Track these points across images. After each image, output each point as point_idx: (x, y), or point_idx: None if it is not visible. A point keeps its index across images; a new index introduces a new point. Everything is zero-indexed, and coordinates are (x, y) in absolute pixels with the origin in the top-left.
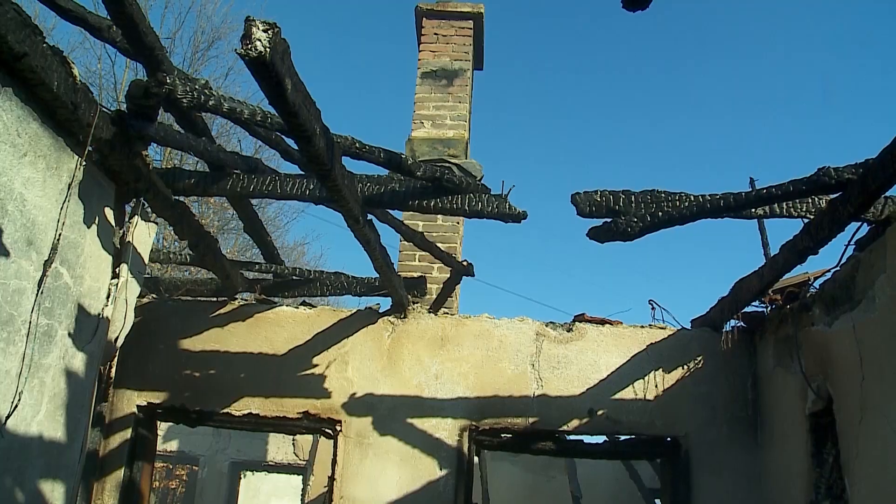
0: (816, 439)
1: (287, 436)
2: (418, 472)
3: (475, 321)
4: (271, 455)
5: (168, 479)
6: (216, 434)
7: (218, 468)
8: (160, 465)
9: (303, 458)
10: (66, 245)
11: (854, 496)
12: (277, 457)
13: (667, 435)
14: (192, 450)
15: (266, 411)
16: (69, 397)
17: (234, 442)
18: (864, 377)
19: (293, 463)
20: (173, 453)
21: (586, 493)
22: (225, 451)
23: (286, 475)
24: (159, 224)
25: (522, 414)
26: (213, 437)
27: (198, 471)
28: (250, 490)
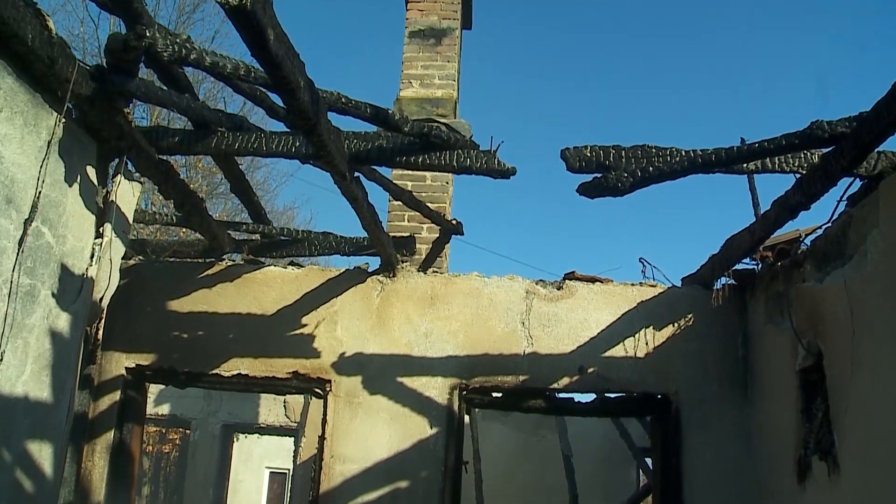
0: (806, 395)
1: (278, 398)
2: (409, 430)
3: (465, 280)
4: (263, 417)
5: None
6: (207, 397)
7: (210, 431)
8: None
9: (294, 420)
10: (47, 204)
11: (843, 450)
12: (269, 419)
13: (657, 392)
14: (183, 413)
15: (255, 372)
16: (54, 358)
17: (225, 405)
18: (855, 332)
19: (284, 425)
20: (165, 417)
21: (577, 451)
22: (217, 414)
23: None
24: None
25: (513, 372)
26: (204, 401)
27: (190, 434)
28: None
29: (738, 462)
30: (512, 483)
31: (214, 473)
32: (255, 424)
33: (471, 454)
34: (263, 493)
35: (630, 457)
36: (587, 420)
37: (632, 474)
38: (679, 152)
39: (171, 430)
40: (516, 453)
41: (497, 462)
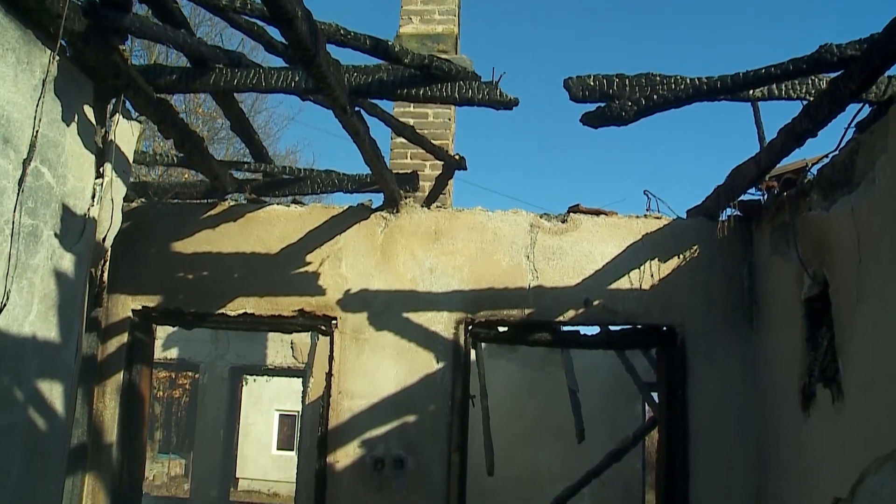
0: (811, 324)
1: (285, 340)
2: (415, 365)
3: (469, 214)
4: (270, 359)
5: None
6: (215, 340)
7: (218, 374)
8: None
9: (302, 361)
10: (46, 143)
11: (847, 378)
12: (276, 360)
13: (662, 324)
14: (192, 357)
15: (261, 310)
16: (60, 298)
17: (233, 347)
18: (862, 260)
19: (292, 366)
20: (174, 361)
21: (583, 387)
22: (224, 357)
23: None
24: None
25: (518, 305)
26: (212, 344)
27: (199, 377)
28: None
29: (744, 391)
30: (519, 419)
31: (224, 416)
32: (263, 366)
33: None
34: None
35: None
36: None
37: (637, 409)
38: (684, 80)
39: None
40: (523, 390)
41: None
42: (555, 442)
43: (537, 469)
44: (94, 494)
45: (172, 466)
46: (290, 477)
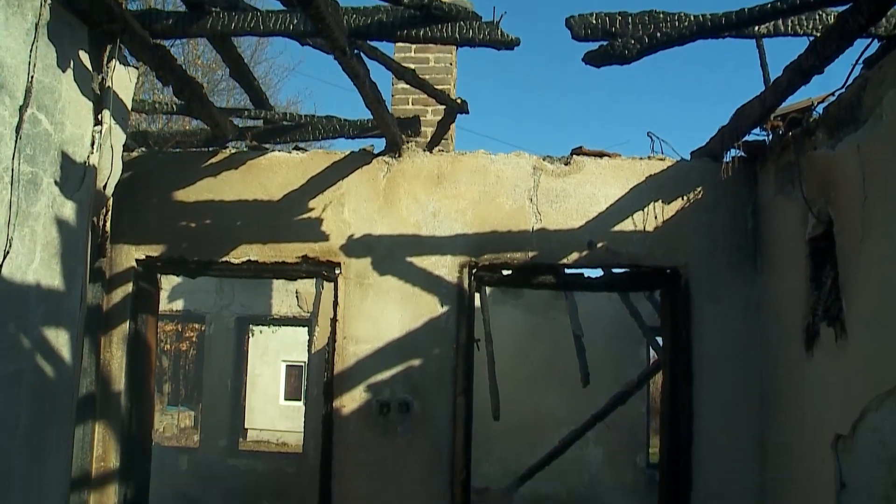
0: (815, 264)
1: (290, 289)
2: (419, 309)
3: (471, 157)
4: (276, 309)
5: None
6: (220, 291)
7: (224, 324)
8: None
9: (307, 311)
10: (41, 90)
11: (851, 316)
12: (282, 310)
13: (666, 266)
14: (197, 308)
15: (264, 257)
16: (63, 246)
17: (238, 298)
18: (867, 197)
19: (297, 315)
20: (179, 313)
21: (587, 332)
22: (230, 308)
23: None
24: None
25: (521, 248)
26: (217, 295)
27: (204, 328)
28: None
29: (747, 333)
30: (524, 364)
31: (231, 366)
32: (269, 316)
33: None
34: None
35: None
36: (597, 301)
37: (642, 353)
38: (688, 17)
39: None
40: (528, 335)
41: (509, 344)
42: (559, 387)
43: (542, 414)
44: (105, 442)
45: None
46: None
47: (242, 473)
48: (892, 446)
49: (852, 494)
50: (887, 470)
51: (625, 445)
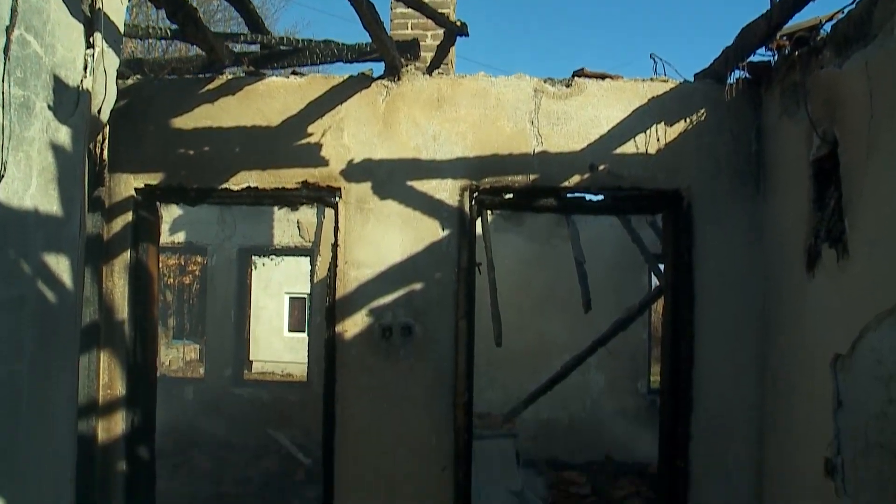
0: (819, 185)
1: (292, 220)
2: (420, 233)
3: (471, 80)
4: (277, 239)
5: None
6: (221, 222)
7: (226, 255)
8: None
9: (309, 241)
10: (29, 10)
11: (853, 236)
12: (283, 240)
13: (669, 188)
14: (199, 240)
15: (264, 184)
16: (59, 171)
17: (239, 229)
18: (873, 115)
19: (299, 245)
20: (181, 245)
21: (589, 259)
22: (231, 239)
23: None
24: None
25: (523, 171)
26: (218, 226)
27: (207, 260)
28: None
29: (749, 255)
30: (526, 291)
31: (234, 297)
32: (270, 246)
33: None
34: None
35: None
36: (600, 228)
37: (643, 280)
38: None
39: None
40: (530, 262)
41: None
42: (562, 313)
43: (544, 340)
44: (110, 370)
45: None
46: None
47: (247, 402)
48: (889, 364)
49: (849, 412)
50: (884, 388)
51: (626, 371)
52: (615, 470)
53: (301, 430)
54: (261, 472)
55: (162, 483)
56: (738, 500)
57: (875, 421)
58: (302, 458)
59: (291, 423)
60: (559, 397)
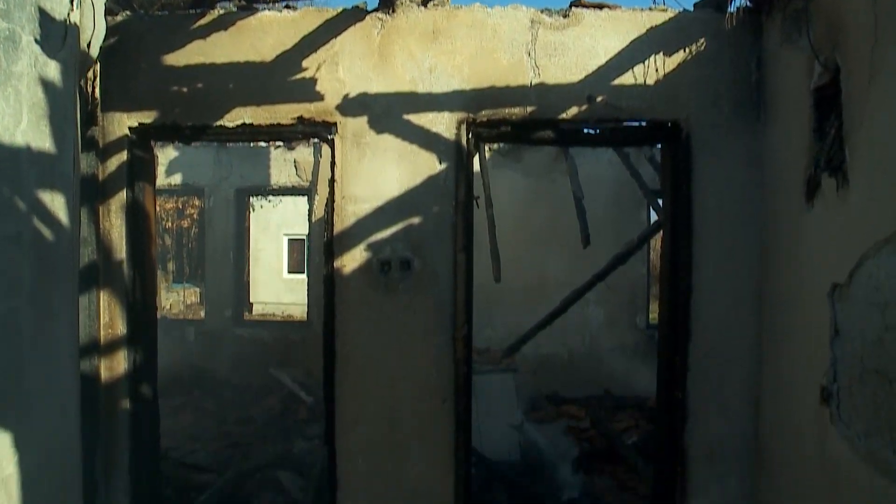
0: (819, 114)
1: (288, 160)
2: (417, 167)
3: (467, 11)
4: (274, 179)
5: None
6: (218, 163)
7: (224, 196)
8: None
9: (306, 180)
10: None
11: (853, 164)
12: (280, 180)
13: (667, 119)
14: (196, 181)
15: (259, 120)
16: (50, 107)
17: (236, 169)
18: (877, 40)
19: (297, 185)
20: (178, 187)
21: (588, 196)
22: (228, 180)
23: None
24: None
25: (520, 104)
26: (215, 167)
27: (204, 202)
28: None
29: (748, 187)
30: (525, 228)
31: (233, 239)
32: (268, 186)
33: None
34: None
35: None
36: (598, 164)
37: (642, 216)
38: None
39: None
40: (528, 199)
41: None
42: (560, 250)
43: (543, 277)
44: (111, 310)
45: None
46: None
47: (248, 342)
48: (886, 292)
49: (846, 340)
50: (881, 315)
51: (625, 307)
52: (614, 404)
53: (302, 370)
54: (263, 411)
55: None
56: (735, 429)
57: (871, 348)
58: (304, 397)
59: (293, 362)
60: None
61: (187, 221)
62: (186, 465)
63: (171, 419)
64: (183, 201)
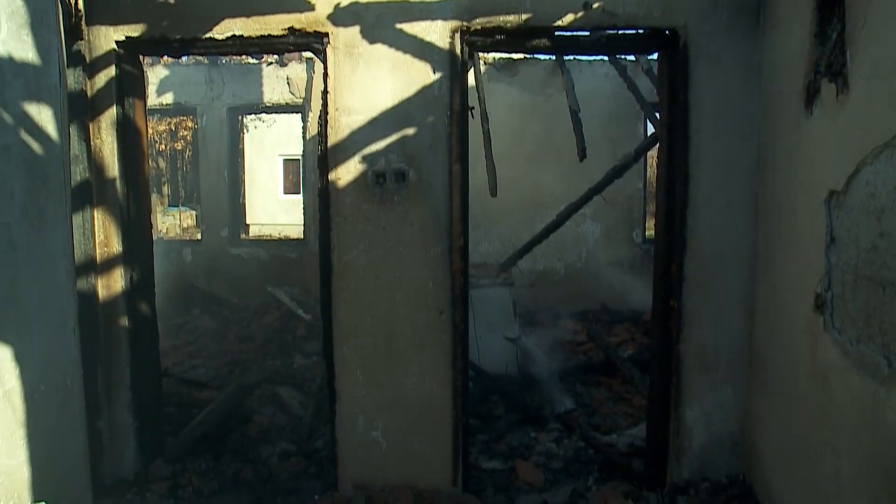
0: (821, 17)
1: (281, 76)
2: (411, 78)
3: None
4: (267, 96)
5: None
6: (209, 82)
7: (217, 115)
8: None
9: (299, 97)
10: None
11: (855, 68)
12: (273, 97)
13: (664, 26)
14: (188, 100)
15: (249, 32)
16: (31, 16)
17: (228, 87)
18: None
19: (290, 103)
20: (170, 106)
21: (585, 110)
22: (221, 98)
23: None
24: None
25: (514, 11)
26: (206, 86)
27: (197, 121)
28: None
29: (747, 94)
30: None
31: (227, 158)
32: (261, 104)
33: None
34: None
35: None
36: (595, 78)
37: (639, 129)
38: None
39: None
40: (524, 113)
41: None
42: (557, 164)
43: (540, 191)
44: (106, 228)
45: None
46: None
47: (246, 262)
48: (882, 198)
49: (841, 248)
50: (876, 221)
51: (622, 222)
52: (610, 318)
53: (300, 287)
54: (262, 329)
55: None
56: (730, 338)
57: (865, 254)
58: (302, 314)
59: (290, 280)
60: (555, 248)
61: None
62: (187, 381)
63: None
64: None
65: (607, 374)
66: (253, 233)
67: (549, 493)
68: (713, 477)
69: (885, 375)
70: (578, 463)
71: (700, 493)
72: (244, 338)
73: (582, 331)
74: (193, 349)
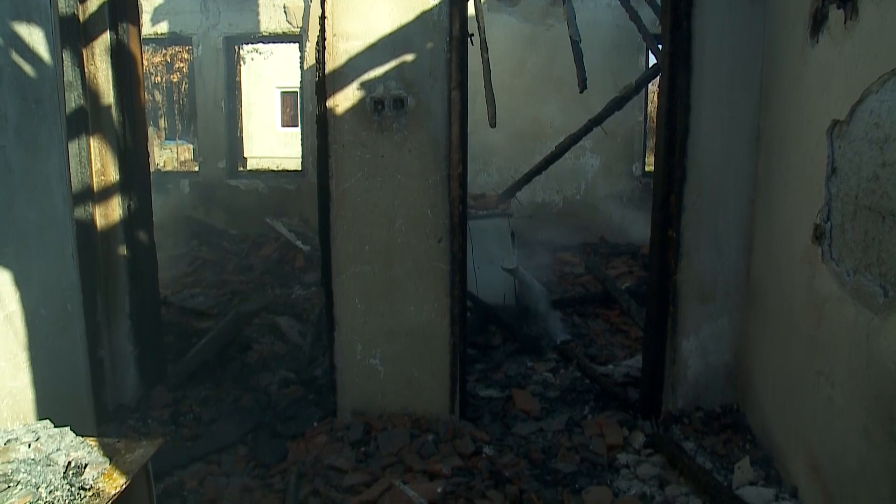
0: None
1: (278, 5)
2: (410, 2)
3: None
4: (264, 26)
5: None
6: (205, 11)
7: (212, 45)
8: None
9: (296, 26)
10: None
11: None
12: (270, 26)
13: None
14: (183, 30)
15: None
16: None
17: (224, 17)
18: None
19: (287, 32)
20: (164, 36)
21: (586, 41)
22: (216, 27)
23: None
24: None
25: None
26: (202, 14)
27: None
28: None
29: (750, 22)
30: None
31: (224, 89)
32: (257, 33)
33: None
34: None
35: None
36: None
37: (641, 61)
38: None
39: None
40: (524, 44)
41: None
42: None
43: (540, 123)
44: (102, 156)
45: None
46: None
47: (244, 193)
48: (886, 127)
49: (842, 178)
50: (878, 150)
51: (621, 155)
52: (609, 251)
53: (299, 219)
54: (261, 260)
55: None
56: (728, 268)
57: (866, 185)
58: (300, 245)
59: (289, 211)
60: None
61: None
62: (187, 309)
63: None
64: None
65: (605, 306)
66: (251, 166)
67: (545, 422)
68: (707, 406)
69: (881, 304)
70: (574, 392)
71: (694, 421)
72: (243, 269)
73: (580, 263)
74: (192, 280)
